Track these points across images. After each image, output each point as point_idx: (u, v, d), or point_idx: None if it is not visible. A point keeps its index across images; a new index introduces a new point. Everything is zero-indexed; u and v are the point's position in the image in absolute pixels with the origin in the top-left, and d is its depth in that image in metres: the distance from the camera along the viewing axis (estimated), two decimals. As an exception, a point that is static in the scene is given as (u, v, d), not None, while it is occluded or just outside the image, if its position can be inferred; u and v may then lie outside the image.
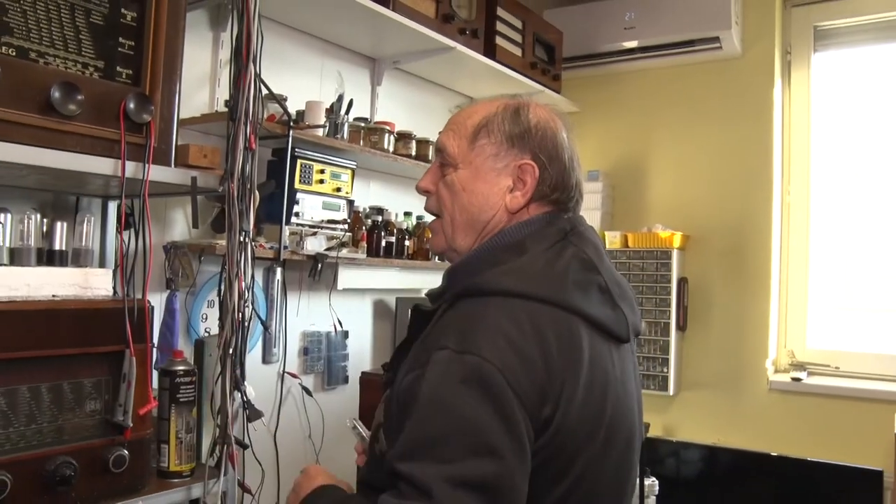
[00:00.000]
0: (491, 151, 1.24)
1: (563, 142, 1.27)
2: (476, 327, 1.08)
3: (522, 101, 1.29)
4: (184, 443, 1.54)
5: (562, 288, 1.14)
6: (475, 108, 1.30)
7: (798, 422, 3.08)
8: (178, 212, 2.09)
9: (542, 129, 1.25)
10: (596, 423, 1.14)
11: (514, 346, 1.06)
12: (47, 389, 1.34)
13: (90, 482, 1.37)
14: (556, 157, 1.25)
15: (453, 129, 1.30)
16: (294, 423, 2.46)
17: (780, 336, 3.32)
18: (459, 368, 1.04)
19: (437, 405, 1.04)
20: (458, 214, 1.27)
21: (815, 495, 2.83)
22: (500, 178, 1.24)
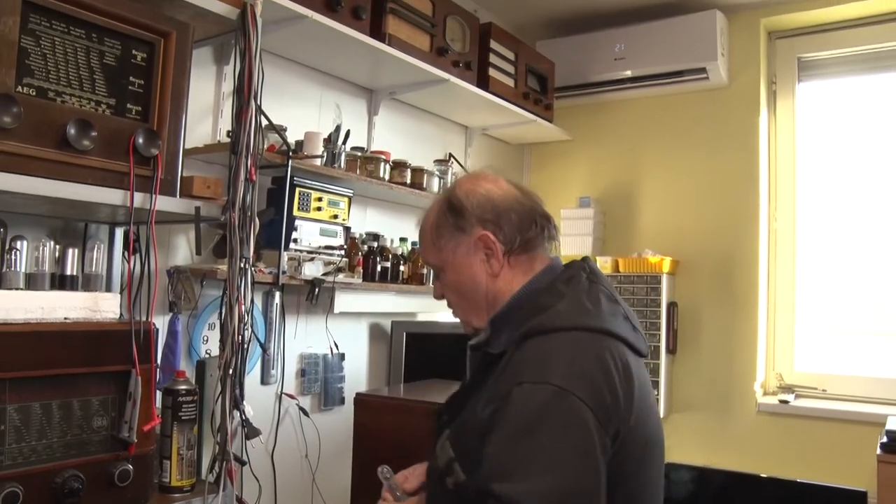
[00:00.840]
0: (452, 246, 1.41)
1: (499, 192, 1.41)
2: (549, 360, 1.23)
3: (450, 187, 1.47)
4: (185, 459, 1.62)
5: (605, 318, 1.30)
6: (427, 218, 1.47)
7: (786, 443, 3.15)
8: (180, 238, 2.18)
9: (473, 199, 1.39)
10: (645, 430, 1.28)
11: (586, 373, 1.21)
12: (58, 406, 1.42)
13: (96, 495, 1.44)
14: (501, 210, 1.39)
15: (423, 244, 1.49)
16: (291, 443, 2.53)
17: (769, 359, 3.40)
18: (541, 397, 1.17)
19: (523, 430, 1.16)
20: (464, 302, 1.45)
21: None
22: (473, 259, 1.40)
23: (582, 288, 1.35)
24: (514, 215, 1.38)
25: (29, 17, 1.35)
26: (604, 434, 1.17)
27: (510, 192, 1.41)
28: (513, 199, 1.40)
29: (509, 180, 1.45)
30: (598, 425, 1.16)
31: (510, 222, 1.38)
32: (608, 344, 1.27)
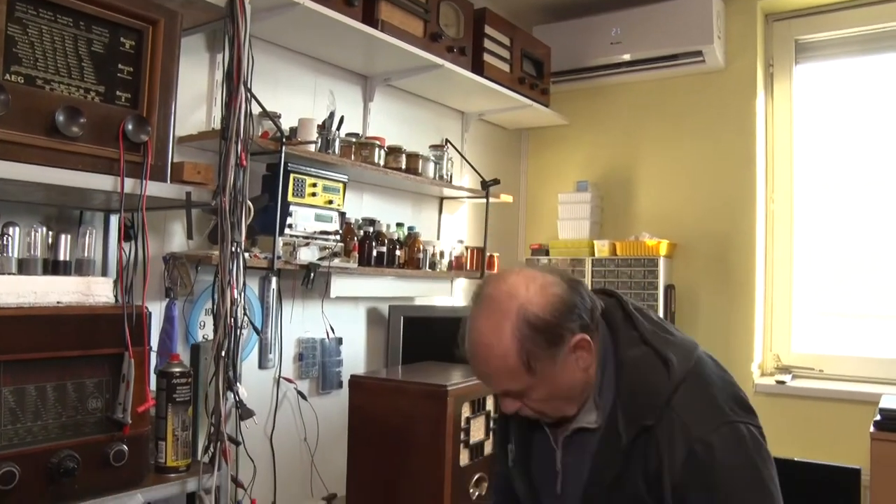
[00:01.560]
0: (549, 365, 1.28)
1: (559, 287, 1.30)
2: (710, 401, 1.28)
3: (520, 307, 1.27)
4: (180, 440, 1.65)
5: (677, 333, 1.39)
6: (499, 348, 1.28)
7: (783, 423, 3.17)
8: (176, 224, 2.21)
9: (553, 309, 1.27)
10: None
11: (738, 396, 1.33)
12: (52, 388, 1.45)
13: (92, 475, 1.47)
14: (576, 304, 1.29)
15: (503, 375, 1.31)
16: (290, 427, 2.56)
17: (766, 340, 3.41)
18: (736, 435, 1.25)
19: (747, 472, 1.25)
20: (553, 404, 1.34)
21: (799, 494, 2.91)
22: (569, 364, 1.30)
23: (646, 328, 1.34)
24: (579, 301, 1.30)
25: (15, 6, 1.37)
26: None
27: (559, 281, 1.31)
28: (566, 286, 1.31)
29: (541, 267, 1.41)
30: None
31: (585, 311, 1.30)
32: (704, 353, 1.37)
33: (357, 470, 2.02)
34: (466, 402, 2.00)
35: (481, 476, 2.10)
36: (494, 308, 1.29)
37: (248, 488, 1.74)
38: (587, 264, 3.45)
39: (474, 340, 1.31)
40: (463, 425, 1.98)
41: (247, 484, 1.75)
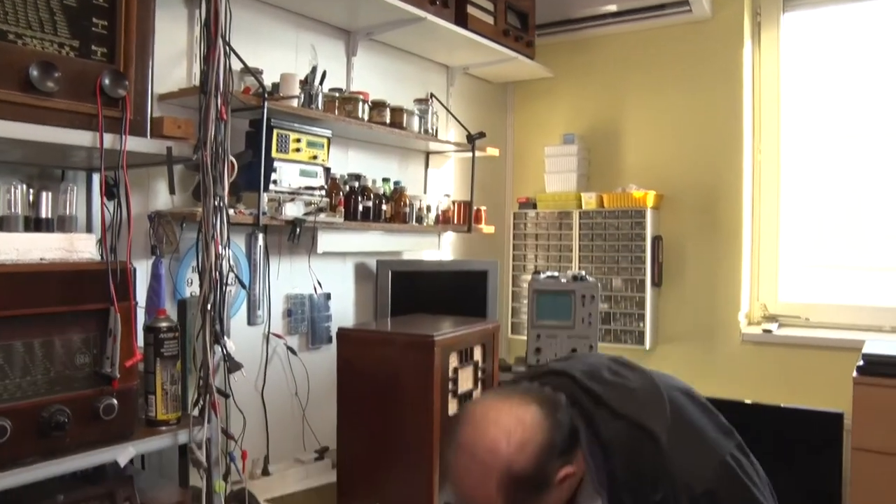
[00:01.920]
0: (538, 502, 1.32)
1: (536, 425, 1.29)
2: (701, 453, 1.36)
3: (504, 466, 1.27)
4: (169, 394, 1.66)
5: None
6: (478, 497, 1.29)
7: (769, 370, 3.22)
8: (160, 182, 2.20)
9: (535, 455, 1.27)
10: None
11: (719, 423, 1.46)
12: (40, 345, 1.46)
13: (83, 428, 1.49)
14: (552, 438, 1.30)
15: None
16: (280, 382, 2.59)
17: (753, 290, 3.44)
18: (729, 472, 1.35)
19: None
20: None
21: (783, 438, 2.96)
22: (557, 495, 1.33)
23: (612, 397, 1.38)
24: (559, 432, 1.31)
25: (-15, -41, 1.35)
26: None
27: (538, 419, 1.30)
28: (542, 416, 1.31)
29: (519, 398, 1.34)
30: None
31: (565, 437, 1.32)
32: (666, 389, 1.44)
33: (347, 422, 2.05)
34: (454, 352, 2.02)
35: (469, 425, 2.13)
36: (477, 463, 1.28)
37: (238, 440, 1.77)
38: (574, 217, 3.46)
39: (460, 491, 1.33)
40: (451, 375, 2.01)
41: (237, 436, 1.77)
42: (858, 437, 2.55)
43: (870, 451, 2.54)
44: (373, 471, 2.03)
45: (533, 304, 2.62)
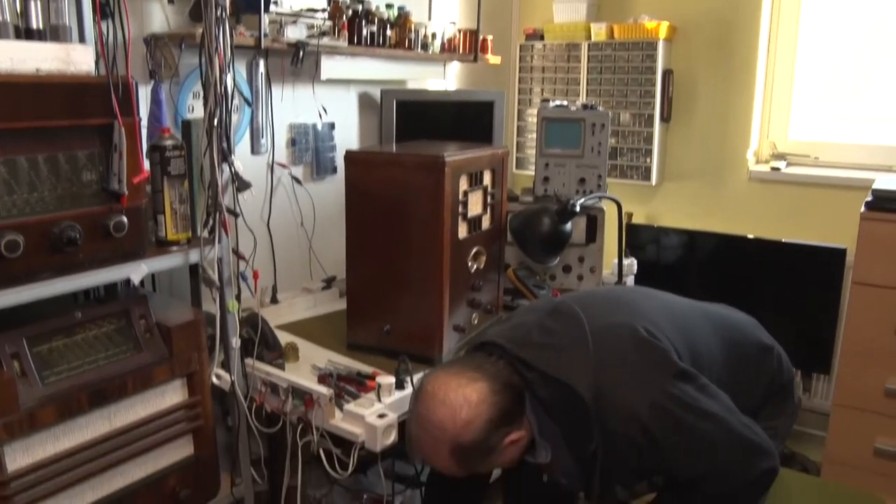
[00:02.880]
0: (489, 463, 1.54)
1: (493, 405, 1.44)
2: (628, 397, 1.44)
3: (452, 440, 1.43)
4: (178, 213, 1.65)
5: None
6: (433, 460, 1.51)
7: (775, 209, 3.21)
8: (154, 4, 2.08)
9: (485, 432, 1.43)
10: None
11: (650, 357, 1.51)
12: (44, 160, 1.43)
13: (94, 245, 1.49)
14: (507, 413, 1.46)
15: (444, 472, 1.53)
16: (286, 213, 2.58)
17: (763, 128, 3.37)
18: (658, 408, 1.42)
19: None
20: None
21: (786, 273, 3.00)
22: (509, 452, 1.51)
23: (539, 359, 1.49)
24: (505, 407, 1.45)
25: None
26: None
27: (484, 396, 1.44)
28: (488, 392, 1.44)
29: (469, 375, 1.47)
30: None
31: (507, 412, 1.45)
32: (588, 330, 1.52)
33: (356, 248, 2.05)
34: (464, 174, 1.98)
35: (479, 250, 2.13)
36: (430, 436, 1.45)
37: (249, 259, 1.77)
38: (583, 49, 3.34)
39: (419, 451, 1.51)
40: (461, 199, 1.98)
41: (248, 255, 1.77)
42: (860, 271, 2.58)
43: (870, 285, 2.57)
44: (382, 297, 2.05)
45: (542, 133, 2.56)
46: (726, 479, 1.49)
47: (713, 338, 1.65)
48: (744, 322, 1.79)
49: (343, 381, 1.91)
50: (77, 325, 1.53)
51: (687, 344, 1.55)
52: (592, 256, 2.61)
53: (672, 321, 1.57)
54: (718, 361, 1.62)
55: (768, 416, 1.74)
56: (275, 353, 2.00)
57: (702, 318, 1.68)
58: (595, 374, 1.43)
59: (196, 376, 1.68)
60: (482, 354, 1.56)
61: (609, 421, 1.42)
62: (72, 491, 1.48)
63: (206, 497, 1.79)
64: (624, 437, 1.42)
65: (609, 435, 1.43)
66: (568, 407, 1.45)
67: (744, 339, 1.73)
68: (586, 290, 1.97)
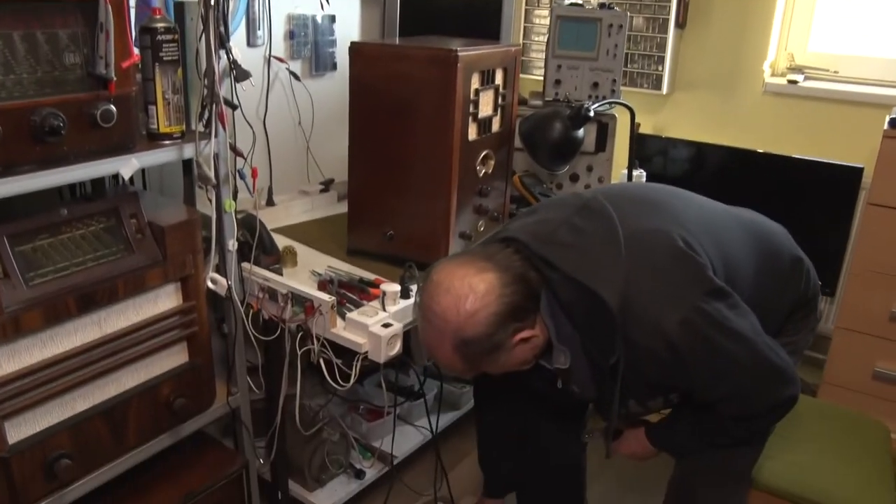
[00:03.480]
0: (496, 361, 1.42)
1: (501, 296, 1.34)
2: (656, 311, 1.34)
3: (455, 333, 1.35)
4: (171, 104, 1.51)
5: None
6: (439, 354, 1.41)
7: (789, 124, 3.09)
8: None
9: (490, 326, 1.34)
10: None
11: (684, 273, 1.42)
12: (20, 38, 1.27)
13: (80, 136, 1.35)
14: (516, 308, 1.36)
15: (450, 370, 1.46)
16: (283, 110, 2.43)
17: (782, 38, 3.21)
18: (687, 327, 1.33)
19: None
20: (512, 370, 1.49)
21: (797, 190, 2.91)
22: (518, 353, 1.43)
23: (563, 260, 1.38)
24: (514, 301, 1.35)
25: None
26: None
27: (492, 285, 1.34)
28: (496, 284, 1.34)
29: (478, 265, 1.37)
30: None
31: (517, 307, 1.36)
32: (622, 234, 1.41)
33: (359, 148, 1.92)
34: (476, 72, 1.84)
35: (488, 153, 2.02)
36: (434, 327, 1.37)
37: (248, 156, 1.65)
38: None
39: (425, 344, 1.43)
40: (472, 97, 1.85)
41: (246, 153, 1.64)
42: (877, 192, 2.50)
43: (886, 206, 2.49)
44: (385, 200, 1.94)
45: (554, 32, 2.40)
46: (746, 402, 1.44)
47: (747, 250, 1.56)
48: (777, 232, 1.70)
49: (344, 288, 1.83)
50: (63, 224, 1.42)
51: (722, 257, 1.46)
52: (601, 166, 2.51)
53: (708, 231, 1.47)
54: (749, 276, 1.53)
55: (791, 331, 1.68)
56: (272, 258, 1.90)
57: (737, 229, 1.58)
58: (625, 282, 1.33)
59: (191, 280, 1.59)
60: (498, 245, 1.45)
61: (634, 333, 1.34)
62: (62, 399, 1.40)
63: (202, 406, 1.72)
64: (648, 351, 1.34)
65: (632, 347, 1.35)
66: (591, 314, 1.36)
67: (777, 252, 1.64)
68: (616, 186, 1.84)
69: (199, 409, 1.72)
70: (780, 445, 1.91)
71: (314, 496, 2.21)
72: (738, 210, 1.69)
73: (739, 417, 1.47)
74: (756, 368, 1.40)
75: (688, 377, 1.39)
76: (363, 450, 2.38)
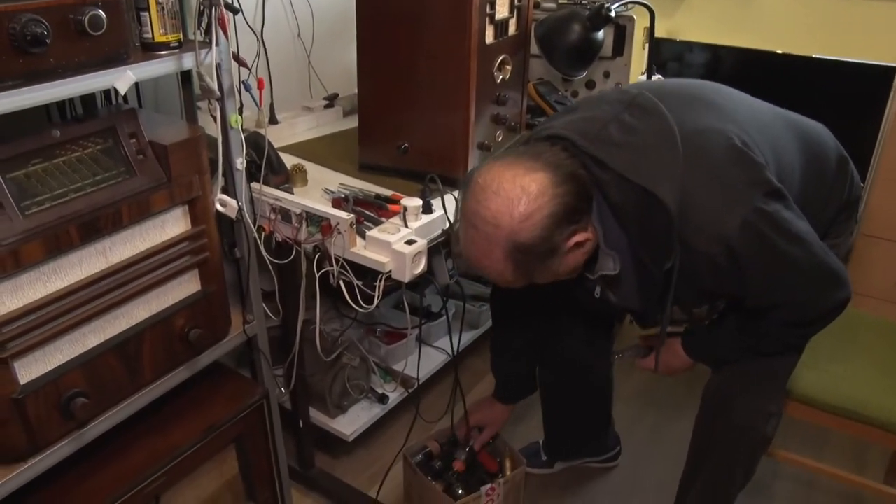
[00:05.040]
0: (550, 268, 1.32)
1: (555, 197, 1.24)
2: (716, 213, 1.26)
3: (508, 238, 1.24)
4: (166, 9, 1.37)
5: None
6: (488, 266, 1.30)
7: (811, 22, 2.93)
8: None
9: (545, 229, 1.24)
10: None
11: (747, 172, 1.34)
12: (-8, -65, 1.13)
13: (67, 46, 1.22)
14: (571, 209, 1.26)
15: (500, 282, 1.35)
16: (281, 22, 2.28)
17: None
18: (748, 230, 1.25)
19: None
20: (562, 278, 1.40)
21: (820, 93, 2.77)
22: (571, 259, 1.33)
23: (616, 159, 1.28)
24: (568, 202, 1.24)
25: None
26: None
27: (545, 187, 1.23)
28: (548, 184, 1.23)
29: (527, 164, 1.25)
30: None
31: (571, 208, 1.25)
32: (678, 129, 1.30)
33: (368, 54, 1.78)
34: (492, -33, 1.70)
35: (505, 58, 1.88)
36: (482, 237, 1.26)
37: (252, 66, 1.51)
38: None
39: (470, 257, 1.32)
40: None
41: (250, 62, 1.51)
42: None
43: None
44: (398, 111, 1.81)
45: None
46: (800, 307, 1.37)
47: (796, 152, 1.46)
48: (821, 132, 1.60)
49: (360, 205, 1.72)
50: (57, 147, 1.30)
51: (775, 158, 1.36)
52: (619, 71, 2.38)
53: (760, 131, 1.37)
54: (797, 179, 1.44)
55: (833, 234, 1.60)
56: (281, 177, 1.79)
57: (785, 129, 1.48)
58: (682, 182, 1.23)
59: (199, 203, 1.47)
60: (543, 143, 1.34)
61: (691, 236, 1.24)
62: (72, 335, 1.31)
63: (217, 336, 1.63)
64: (704, 256, 1.25)
65: (687, 251, 1.26)
66: (645, 217, 1.27)
67: (824, 154, 1.54)
68: (658, 82, 1.72)
69: (215, 339, 1.63)
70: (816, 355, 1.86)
71: (337, 423, 2.16)
72: (783, 111, 1.58)
73: (792, 323, 1.40)
74: (813, 272, 1.32)
75: (743, 283, 1.31)
76: (384, 373, 2.32)
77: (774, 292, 1.33)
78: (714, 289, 1.37)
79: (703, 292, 1.39)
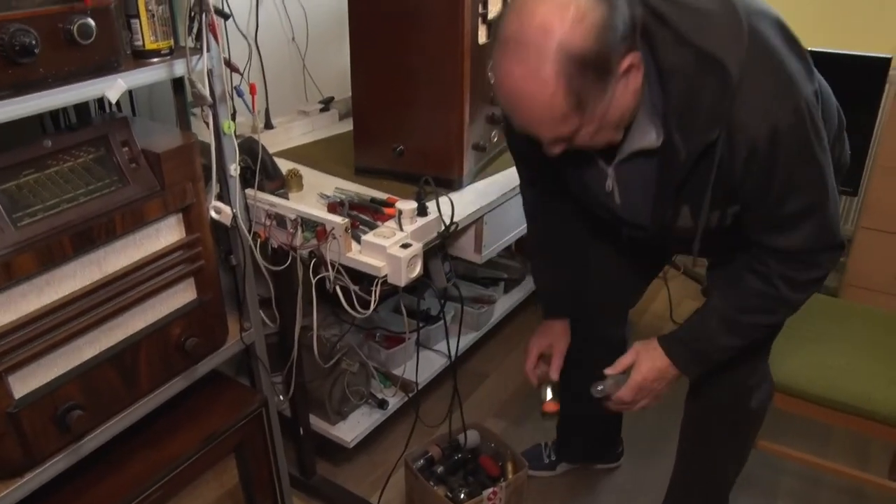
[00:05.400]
0: (602, 100, 1.16)
1: (605, 8, 1.10)
2: (773, 94, 1.18)
3: (560, 44, 1.08)
4: (156, 16, 1.36)
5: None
6: (536, 94, 1.13)
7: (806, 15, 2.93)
8: None
9: (601, 37, 1.09)
10: None
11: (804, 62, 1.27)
12: (-22, -56, 1.12)
13: (56, 55, 1.21)
14: (622, 24, 1.12)
15: (547, 124, 1.18)
16: (275, 26, 2.26)
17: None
18: (797, 118, 1.19)
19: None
20: (605, 133, 1.24)
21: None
22: (622, 93, 1.18)
23: (680, 21, 1.18)
24: (620, 16, 1.11)
25: None
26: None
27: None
28: (602, 2, 1.10)
29: None
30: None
31: (627, 26, 1.13)
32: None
33: (361, 57, 1.77)
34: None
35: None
36: (529, 51, 1.10)
37: (244, 71, 1.50)
38: None
39: (512, 91, 1.15)
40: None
41: (241, 68, 1.50)
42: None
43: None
44: (392, 113, 1.80)
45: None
46: (809, 229, 1.31)
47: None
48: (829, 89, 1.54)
49: (356, 209, 1.71)
50: (48, 157, 1.28)
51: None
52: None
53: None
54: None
55: None
56: (276, 183, 1.78)
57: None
58: (747, 53, 1.16)
59: (193, 210, 1.46)
60: None
61: (741, 112, 1.17)
62: (68, 347, 1.29)
63: (215, 345, 1.62)
64: (745, 138, 1.19)
65: (728, 133, 1.19)
66: (698, 85, 1.18)
67: (830, 102, 1.49)
68: None
69: (212, 347, 1.62)
70: (806, 346, 1.85)
71: (337, 429, 2.14)
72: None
73: (791, 255, 1.33)
74: (830, 193, 1.28)
75: (767, 180, 1.24)
76: (383, 378, 2.31)
77: (794, 198, 1.26)
78: (736, 184, 1.27)
79: (721, 189, 1.30)
